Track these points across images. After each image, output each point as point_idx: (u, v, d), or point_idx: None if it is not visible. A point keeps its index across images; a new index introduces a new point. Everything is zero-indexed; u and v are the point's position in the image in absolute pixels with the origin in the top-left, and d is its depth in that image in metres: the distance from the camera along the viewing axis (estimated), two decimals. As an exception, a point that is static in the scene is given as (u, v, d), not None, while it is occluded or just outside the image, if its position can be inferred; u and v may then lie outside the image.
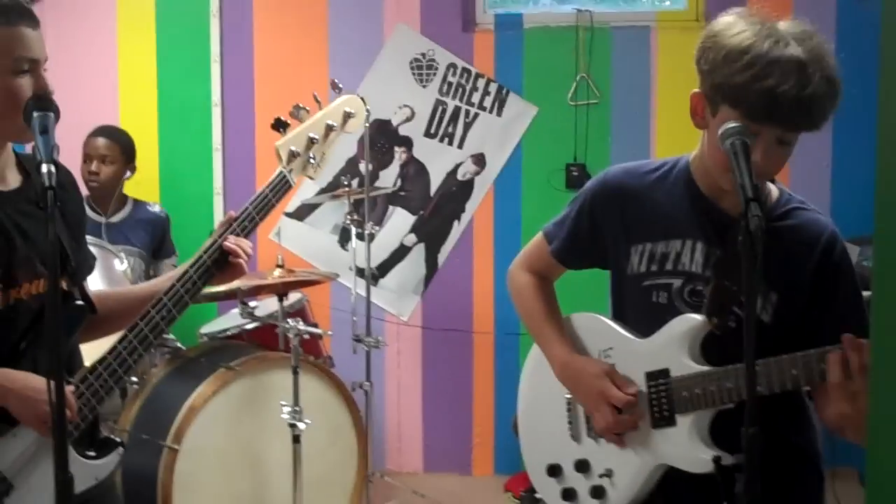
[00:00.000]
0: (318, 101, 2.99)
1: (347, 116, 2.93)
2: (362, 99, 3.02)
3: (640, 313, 2.53)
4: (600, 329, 2.63)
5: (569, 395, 2.67)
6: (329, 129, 2.88)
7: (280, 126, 2.87)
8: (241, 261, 2.69)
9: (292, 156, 2.81)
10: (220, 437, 4.37)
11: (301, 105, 2.91)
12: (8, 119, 2.39)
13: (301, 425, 4.28)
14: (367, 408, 5.14)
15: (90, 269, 2.81)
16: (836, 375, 2.14)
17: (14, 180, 2.57)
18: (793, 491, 2.50)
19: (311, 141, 2.85)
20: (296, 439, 4.28)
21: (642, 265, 2.52)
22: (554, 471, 2.70)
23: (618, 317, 2.63)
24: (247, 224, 2.71)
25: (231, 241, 2.67)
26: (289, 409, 4.30)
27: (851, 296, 2.43)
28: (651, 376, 2.48)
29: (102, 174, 5.27)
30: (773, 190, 2.50)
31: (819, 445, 2.58)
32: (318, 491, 4.59)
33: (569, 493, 2.66)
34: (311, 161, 2.85)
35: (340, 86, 3.09)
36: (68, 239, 2.54)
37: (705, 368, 2.39)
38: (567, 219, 2.69)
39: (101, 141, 5.29)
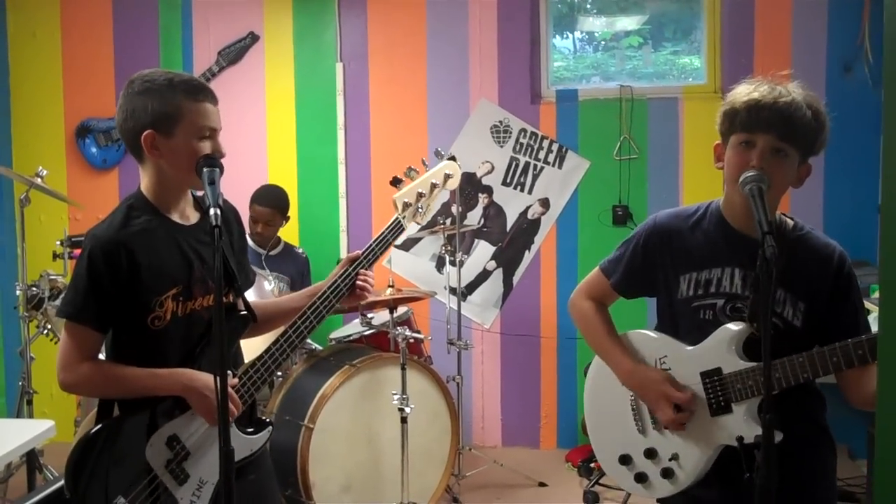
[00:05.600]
0: (425, 165, 3.06)
1: (447, 177, 2.96)
2: (458, 164, 3.05)
3: (690, 329, 2.50)
4: (652, 341, 2.60)
5: (632, 397, 2.63)
6: (433, 186, 2.91)
7: (396, 182, 2.92)
8: (366, 291, 2.77)
9: (405, 206, 2.85)
10: (345, 418, 4.40)
11: (412, 167, 2.96)
12: (191, 172, 2.45)
13: (407, 409, 4.29)
14: (458, 396, 5.15)
15: (251, 284, 2.86)
16: None
17: (193, 217, 2.63)
18: (813, 459, 2.48)
19: (420, 195, 2.88)
20: (403, 420, 4.29)
21: (690, 290, 2.49)
22: (625, 460, 2.64)
23: (666, 333, 2.59)
24: (371, 258, 2.78)
25: (361, 276, 2.74)
26: (398, 396, 4.32)
27: (859, 300, 2.44)
28: (706, 374, 2.45)
29: (266, 233, 5.34)
30: (788, 221, 2.49)
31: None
32: (421, 460, 4.61)
33: (641, 477, 2.61)
34: (420, 210, 2.88)
35: (443, 153, 3.13)
36: (234, 261, 2.60)
37: (752, 364, 2.38)
38: (623, 257, 2.65)
39: (263, 209, 5.33)
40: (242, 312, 2.61)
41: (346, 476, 4.41)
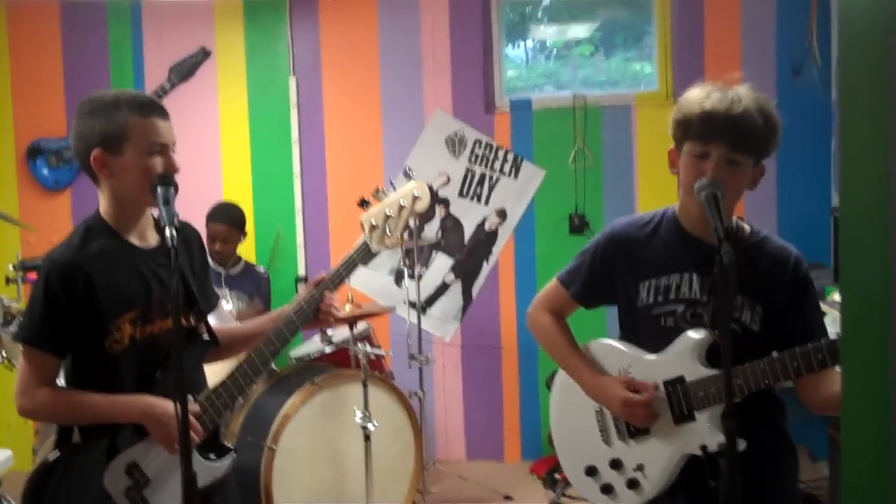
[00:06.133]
0: (393, 186, 3.02)
1: (416, 199, 2.90)
2: (429, 186, 3.01)
3: (651, 336, 2.51)
4: (615, 351, 2.60)
5: (597, 408, 2.63)
6: (401, 207, 2.86)
7: (363, 204, 2.89)
8: (331, 316, 2.73)
9: (372, 227, 2.81)
10: (308, 437, 4.37)
11: (380, 188, 2.94)
12: (145, 191, 2.42)
13: (370, 426, 4.27)
14: (420, 410, 5.12)
15: (213, 307, 2.82)
16: None
17: (153, 239, 2.60)
18: (776, 464, 2.50)
19: (387, 216, 2.83)
20: (367, 438, 4.27)
21: (650, 297, 2.50)
22: (591, 471, 2.64)
23: (628, 341, 2.60)
24: (337, 280, 2.74)
25: (326, 299, 2.70)
26: (360, 413, 4.29)
27: (815, 303, 2.46)
28: (669, 383, 2.46)
29: (224, 251, 5.26)
30: (745, 227, 2.50)
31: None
32: (385, 477, 4.58)
33: (607, 488, 2.61)
34: (387, 232, 2.84)
35: (411, 174, 3.10)
36: (195, 284, 2.56)
37: (714, 371, 2.39)
38: (581, 266, 2.66)
39: (220, 227, 5.25)
40: (204, 336, 2.57)
41: (311, 496, 4.37)
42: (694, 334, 2.43)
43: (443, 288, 5.95)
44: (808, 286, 2.45)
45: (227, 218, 5.32)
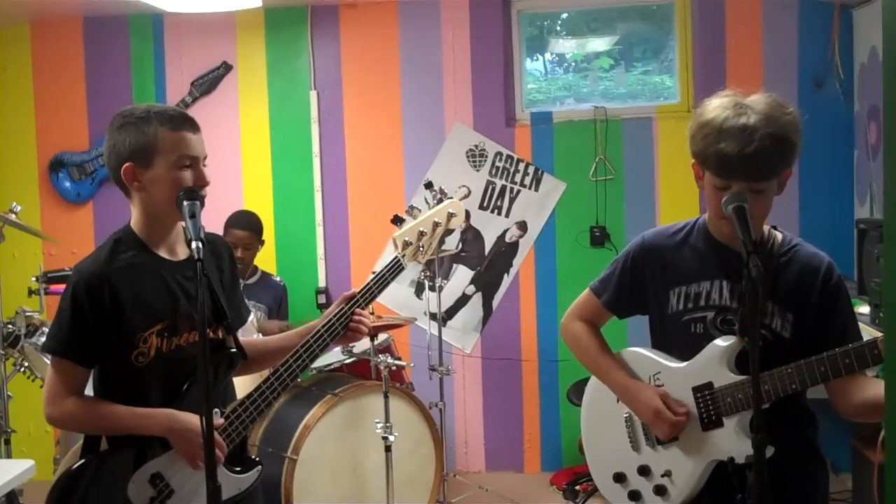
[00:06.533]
0: (428, 204, 3.00)
1: (451, 216, 2.90)
2: (462, 203, 2.98)
3: (682, 344, 2.51)
4: (646, 359, 2.60)
5: (626, 415, 2.62)
6: (436, 224, 2.85)
7: (398, 221, 2.86)
8: (359, 333, 2.69)
9: (406, 245, 2.78)
10: (329, 448, 4.37)
11: (414, 205, 2.92)
12: (173, 204, 2.42)
13: (391, 437, 4.27)
14: (441, 421, 5.11)
15: (244, 321, 2.82)
16: None
17: (182, 252, 2.59)
18: (806, 478, 2.49)
19: (421, 233, 2.81)
20: (387, 449, 4.28)
21: (680, 304, 2.50)
22: (619, 478, 2.63)
23: (660, 349, 2.60)
24: (368, 297, 2.70)
25: (357, 315, 2.67)
26: (381, 424, 4.30)
27: (848, 310, 2.44)
28: (697, 389, 2.45)
29: (246, 258, 5.28)
30: (778, 235, 2.50)
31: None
32: (406, 489, 4.58)
33: (634, 495, 2.60)
34: (421, 249, 2.82)
35: (432, 184, 3.06)
36: (224, 297, 2.56)
37: (743, 377, 2.38)
38: (613, 275, 2.67)
39: (242, 233, 5.26)
40: (232, 350, 2.57)
41: (332, 507, 4.38)
42: (722, 341, 2.42)
43: (463, 300, 5.94)
44: (840, 293, 2.44)
45: (249, 225, 5.35)
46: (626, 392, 2.59)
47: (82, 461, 2.49)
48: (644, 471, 2.58)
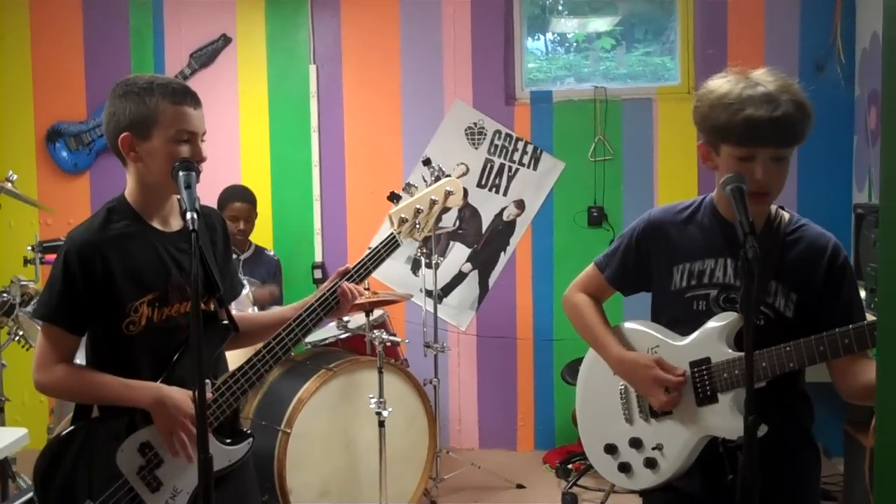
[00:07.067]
0: (425, 181, 3.00)
1: (448, 194, 2.89)
2: (460, 181, 2.97)
3: (683, 321, 2.49)
4: (645, 334, 2.59)
5: (622, 386, 2.61)
6: (433, 202, 2.84)
7: (394, 198, 2.85)
8: (347, 299, 2.67)
9: (402, 221, 2.78)
10: (323, 422, 4.37)
11: (411, 182, 2.91)
12: (168, 178, 2.41)
13: (385, 413, 4.27)
14: (435, 398, 5.12)
15: (237, 295, 2.83)
16: None
17: (176, 224, 2.59)
18: (797, 462, 2.48)
19: (418, 211, 2.81)
20: (381, 424, 4.26)
21: (683, 281, 2.49)
22: (610, 449, 2.63)
23: (661, 325, 2.59)
24: (363, 272, 2.71)
25: (346, 286, 2.66)
26: (375, 400, 4.29)
27: (853, 291, 2.43)
28: (694, 364, 2.44)
29: (247, 229, 5.36)
30: (785, 214, 2.49)
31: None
32: (399, 464, 4.58)
33: (624, 466, 2.60)
34: (417, 226, 2.81)
35: (431, 161, 3.05)
36: (217, 270, 2.54)
37: (740, 353, 2.36)
38: (618, 251, 2.67)
39: (242, 206, 5.34)
40: (224, 322, 2.56)
41: (324, 481, 4.38)
42: (722, 317, 2.42)
43: (460, 277, 5.94)
44: (846, 274, 2.42)
45: (247, 197, 5.43)
46: (622, 364, 2.59)
47: (72, 428, 2.49)
48: (636, 443, 2.58)
